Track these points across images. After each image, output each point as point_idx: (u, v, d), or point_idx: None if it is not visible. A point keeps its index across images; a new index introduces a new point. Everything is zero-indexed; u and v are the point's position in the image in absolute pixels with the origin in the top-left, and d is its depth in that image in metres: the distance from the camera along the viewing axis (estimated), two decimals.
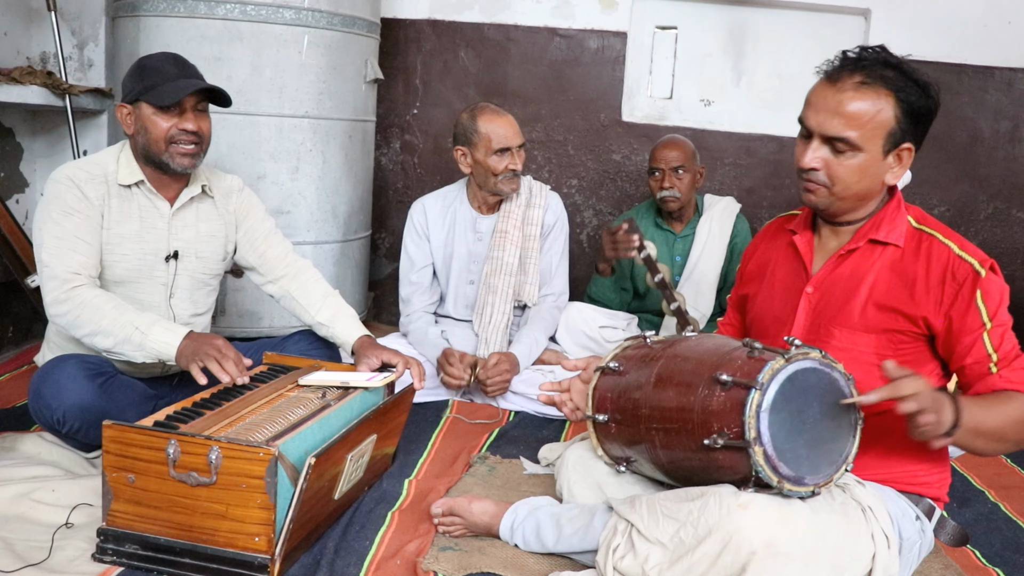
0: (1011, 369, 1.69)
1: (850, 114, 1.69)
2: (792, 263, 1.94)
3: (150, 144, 2.25)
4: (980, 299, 1.70)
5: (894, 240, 1.78)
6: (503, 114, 3.05)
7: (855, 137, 1.70)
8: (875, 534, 1.63)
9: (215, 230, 2.45)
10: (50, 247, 2.16)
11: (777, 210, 3.95)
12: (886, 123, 1.70)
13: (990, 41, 3.73)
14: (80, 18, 3.75)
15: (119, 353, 2.14)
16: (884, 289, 1.77)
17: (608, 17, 3.94)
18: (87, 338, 2.14)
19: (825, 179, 1.75)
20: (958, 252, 1.74)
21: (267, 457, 1.67)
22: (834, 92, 1.71)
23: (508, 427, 2.82)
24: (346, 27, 3.30)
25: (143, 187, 2.32)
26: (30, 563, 1.77)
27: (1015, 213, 3.84)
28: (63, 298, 2.12)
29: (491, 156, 2.99)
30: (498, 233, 3.13)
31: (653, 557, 1.63)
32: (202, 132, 2.29)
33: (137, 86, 2.24)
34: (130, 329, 2.11)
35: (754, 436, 1.54)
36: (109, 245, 2.27)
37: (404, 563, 1.88)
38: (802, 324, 1.86)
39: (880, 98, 1.69)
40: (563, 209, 3.27)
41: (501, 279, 3.11)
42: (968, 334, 1.71)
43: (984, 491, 2.53)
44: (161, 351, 2.12)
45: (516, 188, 3.09)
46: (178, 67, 2.27)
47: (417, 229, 3.20)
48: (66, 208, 2.19)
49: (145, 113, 2.24)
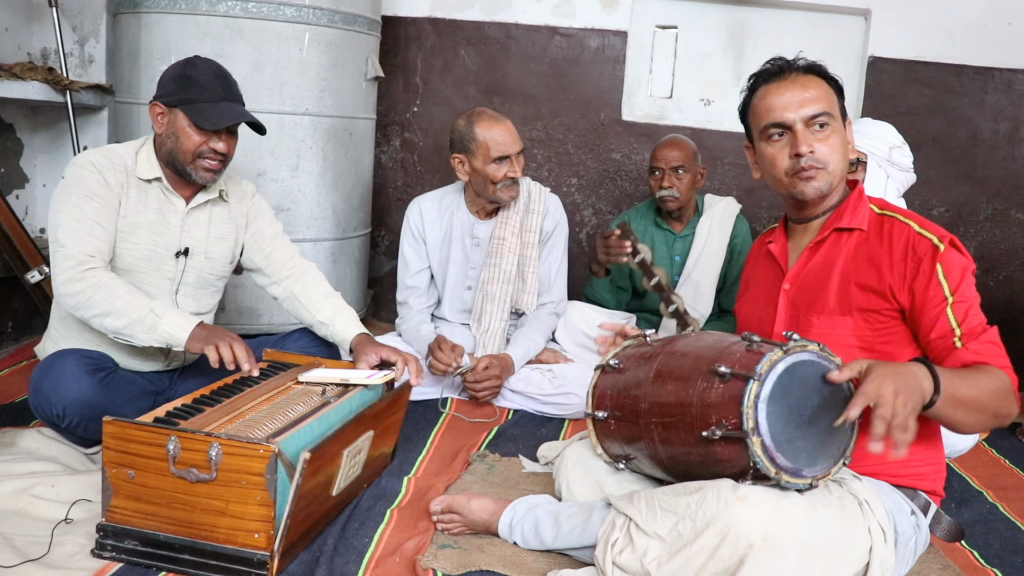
0: (978, 342, 1.71)
1: (815, 95, 1.85)
2: (771, 269, 2.02)
3: (177, 152, 2.27)
4: (941, 273, 1.74)
5: (857, 225, 1.87)
6: (501, 120, 2.97)
7: (829, 109, 1.85)
8: (872, 528, 1.64)
9: (225, 233, 2.46)
10: (67, 228, 2.16)
11: (777, 210, 3.96)
12: (832, 97, 1.88)
13: (990, 42, 3.74)
14: (81, 14, 3.75)
15: (127, 336, 2.15)
16: (853, 269, 1.83)
17: (609, 16, 3.94)
18: (97, 318, 2.14)
19: (823, 159, 1.85)
20: (918, 229, 1.80)
21: (267, 454, 1.68)
22: (789, 84, 1.87)
23: (507, 425, 2.82)
24: (347, 25, 3.30)
25: (160, 184, 2.33)
26: (29, 558, 1.77)
27: (1014, 214, 3.85)
28: (78, 277, 2.13)
29: (490, 164, 2.93)
30: (496, 240, 3.09)
31: (652, 551, 1.64)
32: (229, 152, 2.32)
33: (179, 93, 2.24)
34: (144, 311, 2.13)
35: (752, 426, 1.55)
36: (123, 232, 2.28)
37: (403, 560, 1.88)
38: (783, 319, 1.93)
39: (818, 79, 1.88)
40: (563, 213, 3.23)
41: (499, 287, 3.09)
42: (931, 308, 1.74)
43: (982, 492, 2.53)
44: (173, 334, 2.14)
45: (515, 196, 3.04)
46: (223, 86, 2.28)
47: (413, 232, 3.16)
48: (87, 192, 2.20)
49: (180, 123, 2.25)
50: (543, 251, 3.18)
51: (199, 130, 2.24)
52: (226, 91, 2.28)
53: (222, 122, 2.24)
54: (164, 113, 2.27)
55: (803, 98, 1.84)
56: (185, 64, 2.30)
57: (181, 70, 2.28)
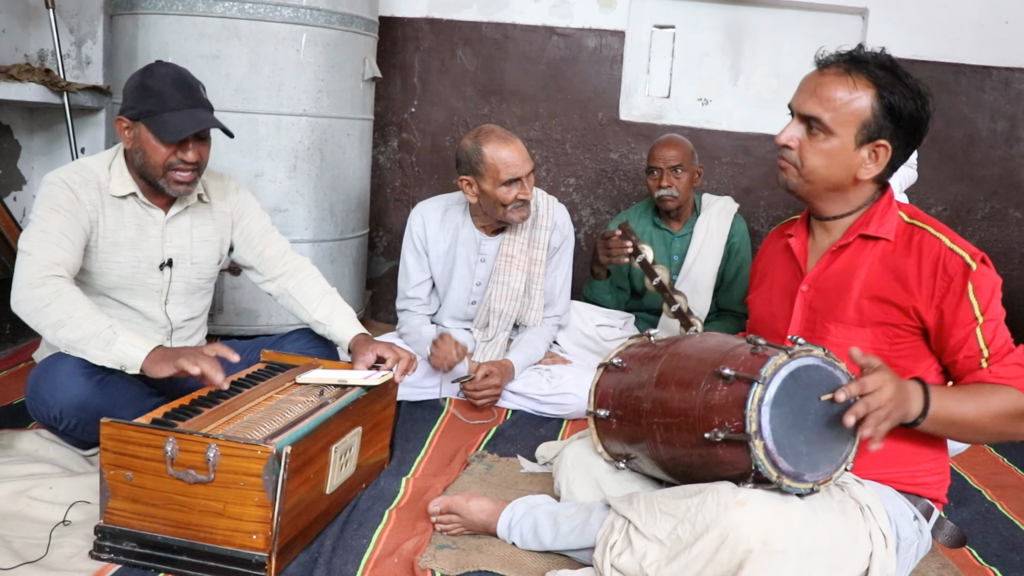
0: (1001, 365, 1.70)
1: (825, 96, 1.75)
2: (788, 265, 1.97)
3: (147, 165, 2.22)
4: (972, 293, 1.70)
5: (884, 234, 1.80)
6: (510, 140, 2.83)
7: (827, 119, 1.75)
8: (872, 533, 1.64)
9: (209, 235, 2.43)
10: (33, 238, 2.11)
11: (774, 209, 3.96)
12: (860, 112, 1.74)
13: (987, 41, 3.74)
14: (78, 15, 3.75)
15: (81, 350, 2.02)
16: (876, 282, 1.78)
17: (606, 16, 3.94)
18: (51, 328, 2.01)
19: (796, 158, 1.82)
20: (949, 245, 1.74)
21: (264, 455, 1.67)
22: (817, 75, 1.79)
23: (505, 426, 2.82)
24: (344, 25, 3.30)
25: (136, 199, 2.30)
26: (27, 560, 1.77)
27: (1012, 212, 3.85)
28: (39, 283, 2.03)
29: (500, 187, 2.80)
30: (503, 257, 3.01)
31: (651, 554, 1.63)
32: (202, 160, 2.26)
33: (139, 106, 2.18)
34: (103, 326, 2.00)
35: (755, 430, 1.54)
36: (104, 253, 2.25)
37: (402, 561, 1.88)
38: (798, 322, 1.88)
39: (859, 88, 1.74)
40: (571, 227, 3.16)
41: (506, 304, 3.03)
42: (960, 328, 1.71)
43: (981, 490, 2.53)
44: (130, 354, 1.99)
45: (527, 216, 2.91)
46: (183, 93, 2.19)
47: (416, 243, 3.07)
48: (54, 206, 2.16)
49: (144, 136, 2.19)
50: (549, 266, 3.10)
51: (164, 143, 2.18)
52: (188, 98, 2.20)
53: (184, 132, 2.16)
54: (129, 127, 2.22)
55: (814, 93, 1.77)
56: (143, 73, 2.22)
57: (139, 80, 2.21)
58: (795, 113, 1.82)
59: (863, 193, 1.84)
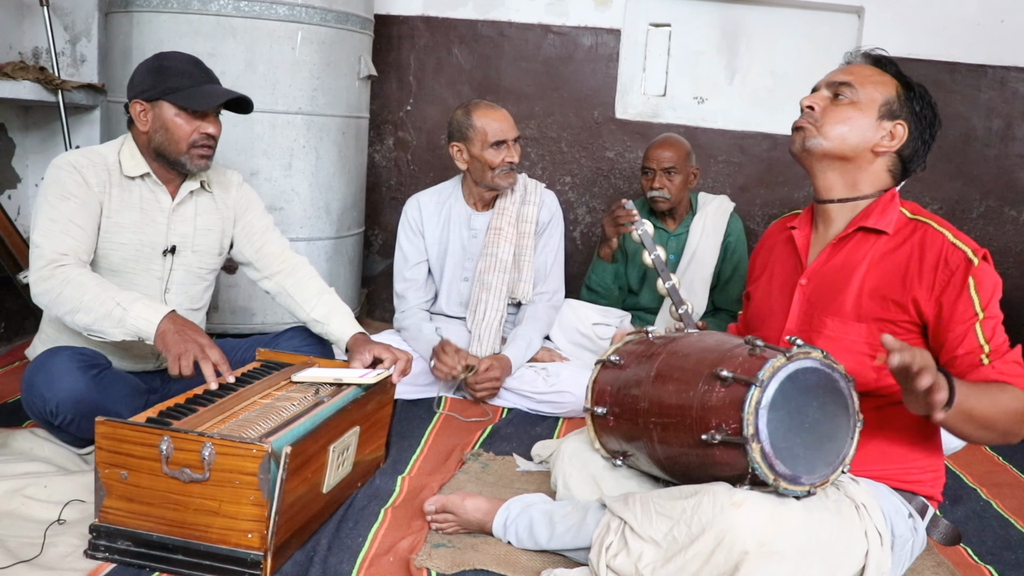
0: (1003, 361, 1.68)
1: (856, 71, 1.86)
2: (790, 257, 1.97)
3: (169, 144, 2.26)
4: (973, 288, 1.69)
5: (884, 227, 1.80)
6: (497, 108, 3.05)
7: (856, 83, 1.84)
8: (868, 531, 1.64)
9: (212, 224, 2.45)
10: (43, 228, 2.15)
11: (770, 208, 3.96)
12: (887, 90, 1.84)
13: (983, 39, 3.74)
14: (73, 13, 3.74)
15: (99, 332, 2.09)
16: (875, 277, 1.78)
17: (602, 14, 3.94)
18: (68, 316, 2.10)
19: (818, 115, 1.85)
20: (952, 240, 1.74)
21: (260, 454, 1.67)
22: (846, 64, 1.92)
23: (501, 424, 2.82)
24: (339, 23, 3.30)
25: (148, 179, 2.32)
26: (22, 559, 1.76)
27: (1007, 211, 3.86)
28: (47, 275, 2.10)
29: (487, 150, 2.98)
30: (492, 230, 3.12)
31: (646, 555, 1.63)
32: (218, 136, 2.33)
33: (160, 85, 2.23)
34: (111, 304, 2.06)
35: (752, 433, 1.54)
36: (107, 233, 2.27)
37: (397, 560, 1.87)
38: (796, 315, 1.88)
39: (886, 76, 1.86)
40: (558, 207, 3.27)
41: (495, 276, 3.11)
42: (960, 323, 1.70)
43: (976, 488, 2.54)
44: (141, 327, 2.06)
45: (513, 182, 3.09)
46: (202, 71, 2.29)
47: (412, 225, 3.19)
48: (64, 192, 2.18)
49: (167, 114, 2.24)
50: (539, 242, 3.21)
51: (190, 116, 2.24)
52: (206, 75, 2.29)
53: (215, 100, 2.24)
54: (147, 109, 2.26)
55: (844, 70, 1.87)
56: (156, 58, 2.30)
57: (154, 63, 2.28)
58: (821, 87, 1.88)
59: (872, 178, 1.85)
